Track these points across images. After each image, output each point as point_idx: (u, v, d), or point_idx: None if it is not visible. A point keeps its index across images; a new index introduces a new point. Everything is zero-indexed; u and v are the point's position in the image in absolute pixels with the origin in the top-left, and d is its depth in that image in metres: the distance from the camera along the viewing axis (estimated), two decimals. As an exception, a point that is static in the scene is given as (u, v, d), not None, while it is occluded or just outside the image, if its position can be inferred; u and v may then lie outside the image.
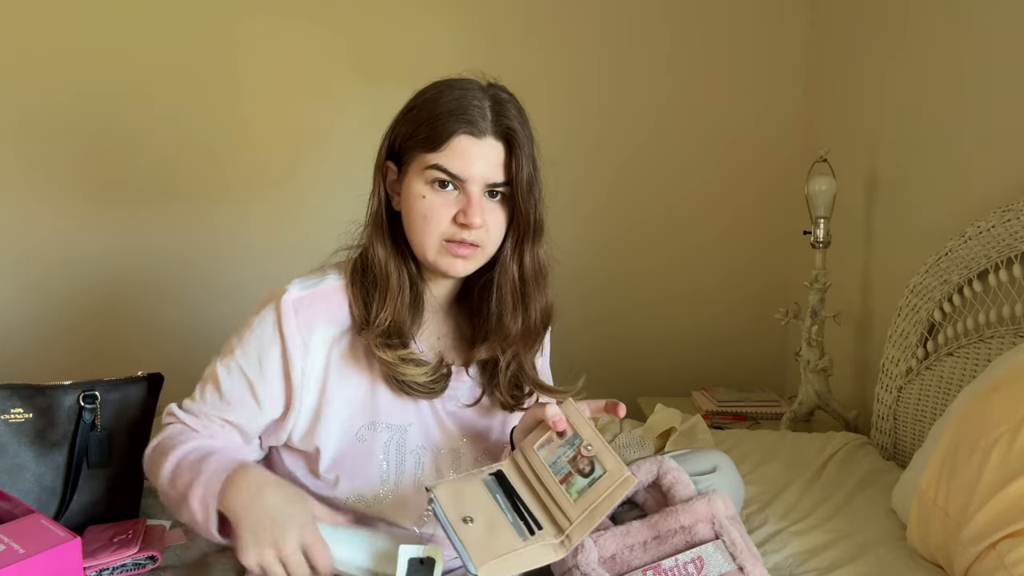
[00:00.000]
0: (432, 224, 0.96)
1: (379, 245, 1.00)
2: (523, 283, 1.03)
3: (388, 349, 0.98)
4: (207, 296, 2.47)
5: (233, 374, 1.01)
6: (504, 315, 1.04)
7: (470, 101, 0.95)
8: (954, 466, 1.16)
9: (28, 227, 2.40)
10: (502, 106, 0.97)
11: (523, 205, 0.98)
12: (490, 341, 1.05)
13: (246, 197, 2.44)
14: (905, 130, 1.88)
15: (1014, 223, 1.40)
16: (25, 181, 2.38)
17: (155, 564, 1.13)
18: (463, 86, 0.98)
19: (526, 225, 1.00)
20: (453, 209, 0.96)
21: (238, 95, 2.39)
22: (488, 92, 0.98)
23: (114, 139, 2.38)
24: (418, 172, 0.96)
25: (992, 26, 1.59)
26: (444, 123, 0.94)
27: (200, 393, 1.04)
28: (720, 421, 2.05)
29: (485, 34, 2.36)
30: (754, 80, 2.41)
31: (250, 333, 1.00)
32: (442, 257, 0.98)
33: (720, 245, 2.49)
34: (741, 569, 0.99)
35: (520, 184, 0.97)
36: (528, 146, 0.97)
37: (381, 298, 0.99)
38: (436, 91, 0.98)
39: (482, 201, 0.96)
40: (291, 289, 1.00)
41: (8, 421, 1.20)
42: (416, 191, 0.96)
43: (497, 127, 0.95)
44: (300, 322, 0.98)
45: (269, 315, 0.99)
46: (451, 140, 0.94)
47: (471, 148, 0.94)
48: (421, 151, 0.96)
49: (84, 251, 2.42)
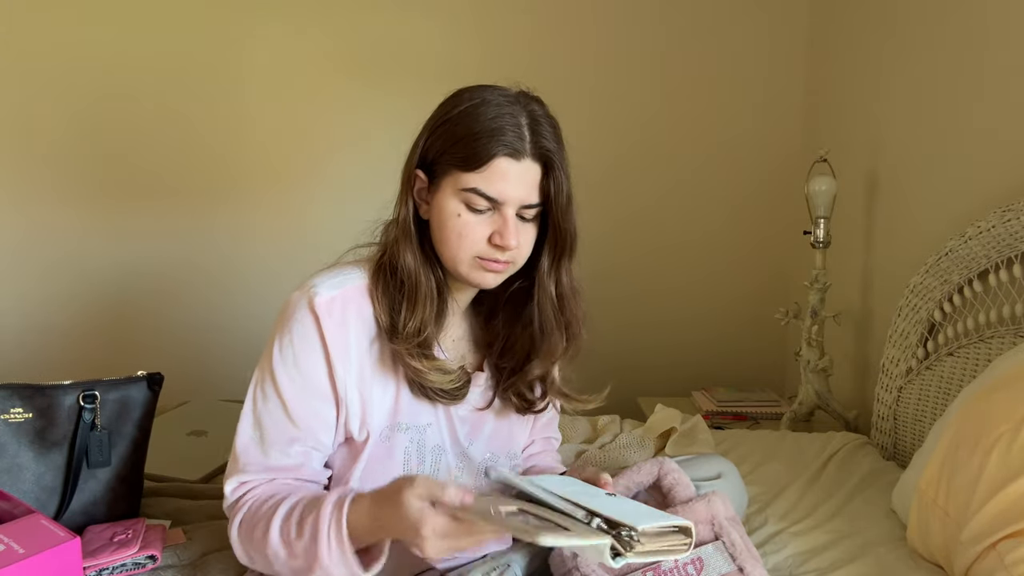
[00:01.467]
0: (467, 243, 0.95)
1: (408, 253, 0.98)
2: (562, 300, 1.04)
3: (422, 358, 0.98)
4: (207, 296, 2.47)
5: (292, 392, 0.96)
6: (550, 333, 1.04)
7: (508, 121, 0.93)
8: (954, 466, 1.16)
9: (28, 227, 2.40)
10: (539, 125, 0.95)
11: (562, 224, 0.99)
12: (541, 359, 1.06)
13: (249, 198, 2.44)
14: (905, 130, 1.88)
15: (1014, 223, 1.40)
16: (26, 182, 2.38)
17: (155, 564, 1.13)
18: (498, 101, 0.95)
19: (563, 242, 1.01)
20: (488, 229, 0.95)
21: (242, 97, 2.39)
22: (523, 107, 0.96)
23: (114, 140, 2.38)
24: (453, 190, 0.95)
25: (992, 26, 1.59)
26: (483, 145, 0.92)
27: (256, 443, 0.98)
28: (720, 421, 2.05)
29: (485, 34, 2.36)
30: (754, 80, 2.41)
31: (290, 346, 0.97)
32: (474, 271, 0.98)
33: (720, 245, 2.49)
34: (741, 570, 0.99)
35: (560, 203, 0.97)
36: (564, 164, 0.97)
37: (410, 305, 0.98)
38: (472, 105, 0.95)
39: (516, 222, 0.96)
40: (319, 290, 0.97)
41: (8, 421, 1.20)
42: (451, 209, 0.95)
43: (535, 148, 0.94)
44: (337, 323, 0.96)
45: (306, 319, 0.96)
46: (491, 163, 0.93)
47: (510, 172, 0.93)
48: (457, 170, 0.94)
49: (84, 251, 2.42)
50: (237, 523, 0.96)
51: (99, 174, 2.39)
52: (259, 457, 0.98)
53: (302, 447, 0.98)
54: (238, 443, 0.99)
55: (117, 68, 2.34)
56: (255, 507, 0.95)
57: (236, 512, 0.97)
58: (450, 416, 1.06)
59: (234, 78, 2.38)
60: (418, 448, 1.04)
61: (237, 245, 2.46)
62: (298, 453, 0.98)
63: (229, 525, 0.98)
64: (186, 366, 2.34)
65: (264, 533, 0.92)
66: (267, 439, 0.97)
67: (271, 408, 0.97)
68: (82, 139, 2.37)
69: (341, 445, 1.03)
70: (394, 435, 1.02)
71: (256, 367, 1.00)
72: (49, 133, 2.36)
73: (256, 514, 0.94)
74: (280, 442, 0.97)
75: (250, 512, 0.95)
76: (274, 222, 2.45)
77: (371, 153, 2.33)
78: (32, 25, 2.31)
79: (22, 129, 2.36)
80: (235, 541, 0.97)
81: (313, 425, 0.98)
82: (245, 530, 0.95)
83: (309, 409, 0.97)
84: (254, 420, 0.98)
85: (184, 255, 2.45)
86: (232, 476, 0.99)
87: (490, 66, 2.36)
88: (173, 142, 2.39)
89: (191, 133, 2.40)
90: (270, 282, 2.43)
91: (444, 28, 2.35)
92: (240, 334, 2.45)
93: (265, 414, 0.98)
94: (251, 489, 0.98)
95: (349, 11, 2.35)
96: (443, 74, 2.37)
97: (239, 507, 0.97)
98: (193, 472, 1.53)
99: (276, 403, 0.97)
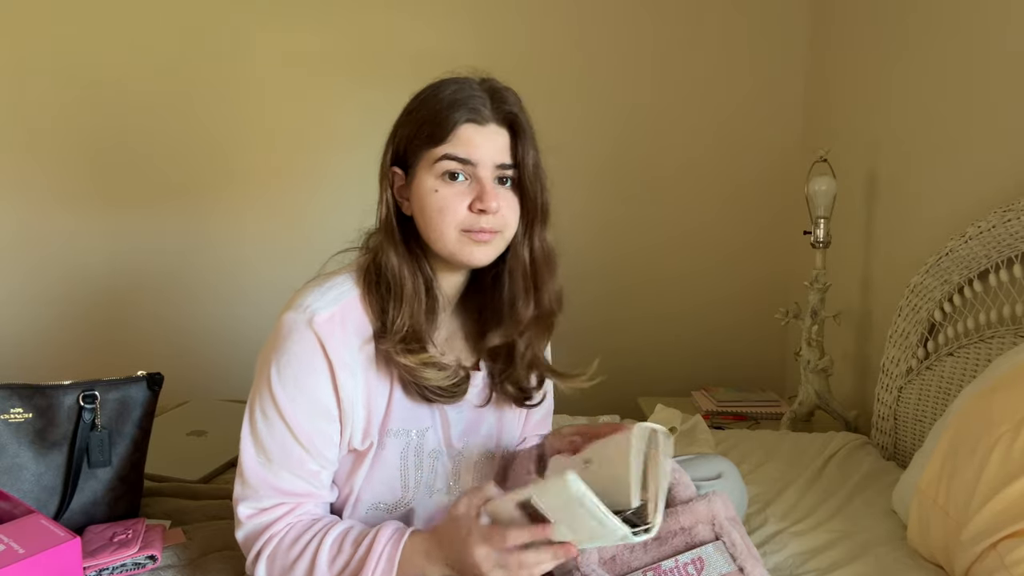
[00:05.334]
0: (448, 215, 0.95)
1: (391, 252, 0.99)
2: (535, 267, 1.03)
3: (409, 354, 0.97)
4: (208, 296, 2.47)
5: (294, 413, 0.96)
6: (517, 300, 1.04)
7: (468, 92, 0.97)
8: (954, 466, 1.16)
9: (28, 228, 2.40)
10: (500, 94, 0.98)
11: (531, 189, 0.99)
12: (504, 327, 1.05)
13: (248, 198, 2.44)
14: (905, 130, 1.88)
15: (1014, 223, 1.40)
16: (25, 182, 2.39)
17: (155, 564, 1.13)
18: (458, 81, 0.99)
19: (535, 209, 1.01)
20: (467, 198, 0.96)
21: (240, 97, 2.39)
22: (484, 85, 0.99)
23: (114, 142, 2.38)
24: (427, 168, 0.96)
25: (992, 26, 1.59)
26: (447, 115, 0.95)
27: (263, 466, 0.97)
28: (720, 421, 2.05)
29: (483, 34, 2.36)
30: (754, 80, 2.41)
31: (288, 367, 0.95)
32: (462, 247, 0.97)
33: (720, 245, 2.49)
34: (741, 570, 0.99)
35: (527, 168, 0.98)
36: (530, 131, 0.99)
37: (397, 304, 0.98)
38: (432, 89, 0.99)
39: (495, 185, 0.97)
40: (318, 308, 0.96)
41: (8, 421, 1.20)
42: (428, 187, 0.96)
43: (498, 113, 0.97)
44: (339, 341, 0.96)
45: (307, 340, 0.95)
46: (456, 130, 0.95)
47: (476, 135, 0.95)
48: (427, 147, 0.96)
49: (84, 251, 2.42)
50: (265, 558, 0.96)
51: (100, 174, 2.39)
52: (270, 479, 0.97)
53: (313, 466, 0.98)
54: (245, 467, 0.98)
55: (113, 67, 2.34)
56: (288, 543, 0.96)
57: (261, 548, 0.96)
58: (445, 418, 1.06)
59: (232, 78, 2.38)
60: (415, 453, 1.04)
61: (237, 244, 2.46)
62: (309, 474, 0.98)
63: (252, 559, 0.97)
64: (186, 366, 2.34)
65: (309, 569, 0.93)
66: (275, 461, 0.97)
67: (276, 431, 0.96)
68: (81, 140, 2.37)
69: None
70: (389, 440, 1.01)
71: (252, 390, 0.99)
72: (48, 134, 2.36)
73: (290, 550, 0.95)
74: (288, 464, 0.97)
75: (282, 548, 0.96)
76: (273, 221, 2.45)
77: (368, 154, 2.30)
78: (29, 24, 2.31)
79: (21, 130, 2.36)
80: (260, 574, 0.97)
81: (319, 443, 0.97)
82: (279, 567, 0.95)
83: (314, 428, 0.97)
84: (257, 444, 0.97)
85: (185, 255, 2.45)
86: (245, 500, 0.98)
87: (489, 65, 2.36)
88: (173, 142, 2.39)
89: (190, 133, 2.39)
90: (270, 282, 2.43)
91: (442, 28, 2.35)
92: (240, 334, 2.45)
93: (269, 437, 0.97)
94: (273, 522, 0.97)
95: (348, 11, 2.35)
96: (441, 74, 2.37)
97: (264, 542, 0.96)
98: (193, 472, 1.53)
99: (280, 425, 0.96)
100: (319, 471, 0.99)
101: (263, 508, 0.97)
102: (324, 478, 1.00)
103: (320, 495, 1.00)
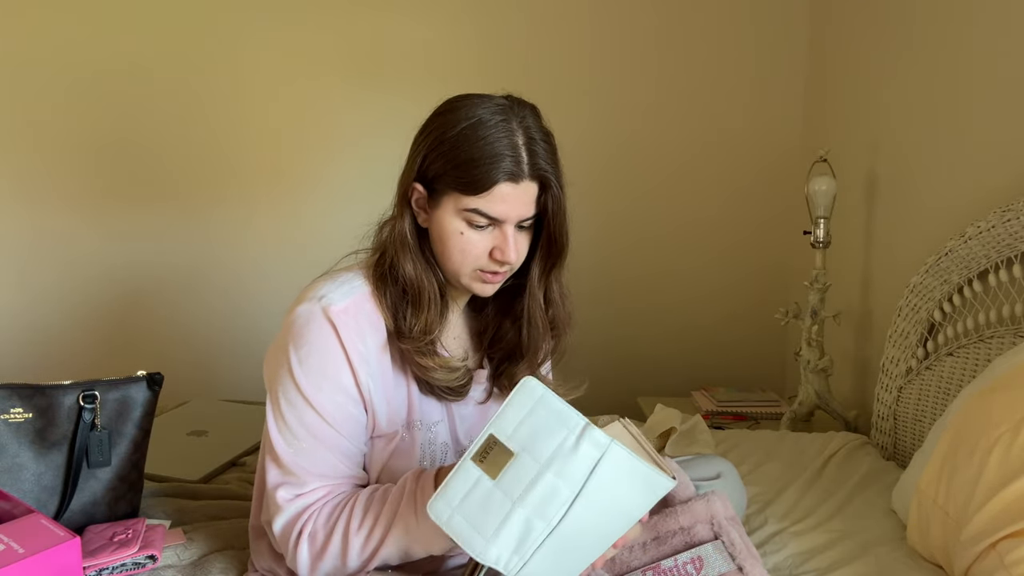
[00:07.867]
0: (470, 259, 0.99)
1: (407, 262, 1.01)
2: (549, 305, 1.09)
3: (426, 356, 1.02)
4: (208, 296, 2.47)
5: (322, 400, 0.98)
6: (537, 337, 1.09)
7: (505, 144, 0.95)
8: (954, 466, 1.16)
9: (28, 228, 2.40)
10: (535, 144, 0.97)
11: (556, 236, 1.03)
12: (528, 361, 1.11)
13: (249, 198, 2.44)
14: (905, 130, 1.88)
15: (1014, 223, 1.40)
16: (26, 183, 2.39)
17: (155, 564, 1.13)
18: (494, 121, 0.96)
19: (556, 253, 1.05)
20: (489, 244, 0.99)
21: (241, 98, 2.40)
22: (519, 123, 0.97)
23: (114, 142, 2.39)
24: (455, 210, 0.98)
25: (992, 26, 1.59)
26: (484, 172, 0.94)
27: (300, 453, 0.98)
28: (720, 421, 2.05)
29: (484, 34, 2.36)
30: (754, 80, 2.41)
31: (309, 356, 0.97)
32: (473, 282, 1.02)
33: (720, 245, 2.49)
34: (740, 569, 0.99)
35: (555, 217, 1.01)
36: (560, 180, 1.00)
37: (415, 309, 1.02)
38: (468, 126, 0.96)
39: (515, 234, 1.00)
40: (332, 299, 0.98)
41: (8, 421, 1.20)
42: (453, 227, 0.98)
43: (533, 170, 0.97)
44: (353, 331, 0.98)
45: (323, 329, 0.97)
46: (492, 190, 0.95)
47: (511, 194, 0.96)
48: (461, 192, 0.96)
49: (84, 252, 2.42)
50: (307, 536, 0.97)
51: (101, 174, 2.40)
52: (304, 464, 0.98)
53: (348, 446, 1.00)
54: (280, 455, 0.98)
55: (114, 69, 2.35)
56: (325, 515, 0.97)
57: (303, 527, 0.97)
58: (452, 414, 1.10)
59: (233, 79, 2.38)
60: (431, 444, 1.07)
61: (237, 245, 2.46)
62: (343, 455, 1.00)
63: (293, 543, 0.97)
64: (186, 366, 2.34)
65: (346, 527, 0.95)
66: (308, 446, 0.98)
67: (306, 418, 0.98)
68: (82, 140, 2.38)
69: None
70: (411, 434, 1.06)
71: (271, 383, 1.00)
72: (49, 135, 2.37)
73: (328, 520, 0.97)
74: (323, 447, 0.99)
75: (320, 522, 0.97)
76: (274, 222, 2.45)
77: (370, 153, 2.33)
78: (32, 25, 2.31)
79: (23, 131, 2.36)
80: (303, 555, 0.97)
81: (349, 426, 1.00)
82: (320, 541, 0.96)
83: (343, 413, 0.99)
84: (288, 433, 0.98)
85: (185, 255, 2.45)
86: (285, 485, 0.99)
87: (489, 65, 2.37)
88: (174, 143, 2.39)
89: (191, 134, 2.40)
90: (270, 282, 2.43)
91: (442, 28, 2.35)
92: (241, 334, 2.45)
93: (299, 425, 0.98)
94: (313, 502, 0.99)
95: (348, 11, 2.35)
96: (442, 74, 2.38)
97: (304, 521, 0.97)
98: (193, 472, 1.53)
99: (310, 412, 0.98)
100: (354, 452, 1.01)
101: (302, 492, 0.99)
102: (358, 459, 1.03)
103: (356, 475, 1.03)
